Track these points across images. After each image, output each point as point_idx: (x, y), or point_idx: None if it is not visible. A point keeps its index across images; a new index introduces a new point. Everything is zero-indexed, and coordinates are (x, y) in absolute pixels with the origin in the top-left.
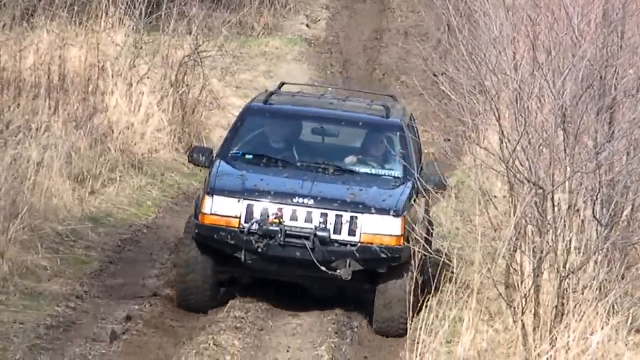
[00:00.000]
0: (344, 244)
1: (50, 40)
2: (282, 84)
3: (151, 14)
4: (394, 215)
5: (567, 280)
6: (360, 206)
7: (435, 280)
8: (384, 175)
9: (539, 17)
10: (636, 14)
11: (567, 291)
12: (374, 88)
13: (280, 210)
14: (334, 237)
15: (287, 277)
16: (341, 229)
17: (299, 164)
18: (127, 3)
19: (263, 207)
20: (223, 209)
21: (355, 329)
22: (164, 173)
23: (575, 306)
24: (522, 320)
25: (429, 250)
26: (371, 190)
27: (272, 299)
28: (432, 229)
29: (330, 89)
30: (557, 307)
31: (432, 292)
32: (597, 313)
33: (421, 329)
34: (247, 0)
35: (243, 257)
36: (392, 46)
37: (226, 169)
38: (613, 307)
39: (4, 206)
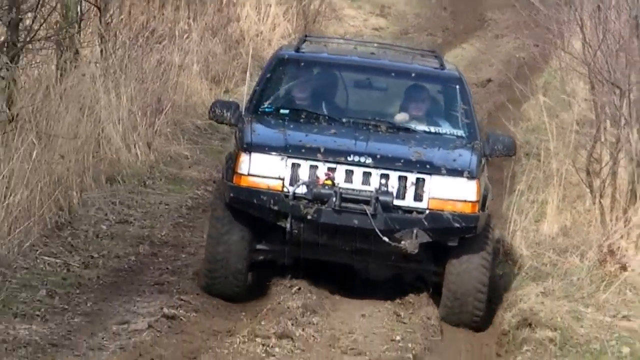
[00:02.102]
0: (409, 210)
1: None
2: (306, 37)
3: None
4: (467, 177)
5: None
6: (428, 166)
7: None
8: (445, 134)
9: None
10: None
11: (639, 177)
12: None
13: (332, 169)
14: (397, 202)
15: (336, 254)
16: (405, 192)
17: (344, 120)
18: None
19: (311, 166)
20: (263, 169)
21: None
22: None
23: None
24: (600, 202)
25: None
26: (436, 148)
27: None
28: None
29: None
30: (631, 190)
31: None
32: None
33: (513, 209)
34: None
35: (289, 226)
36: None
37: (261, 124)
38: None
39: (150, 103)
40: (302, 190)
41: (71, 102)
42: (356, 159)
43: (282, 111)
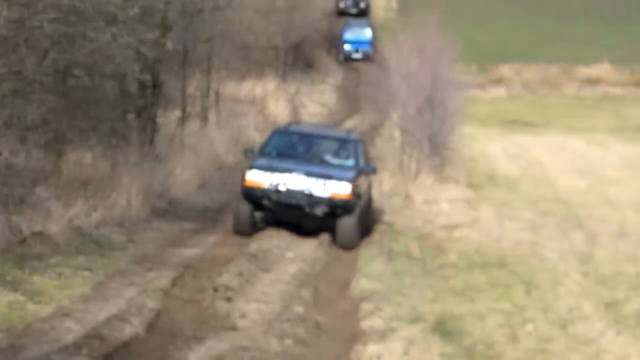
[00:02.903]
0: (319, 197)
1: (250, 84)
2: (295, 121)
3: (284, 74)
4: (347, 181)
5: (419, 164)
6: (329, 176)
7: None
8: (343, 164)
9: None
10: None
11: (418, 166)
12: (358, 101)
13: (286, 178)
14: (314, 193)
15: (290, 216)
16: (319, 188)
17: (299, 157)
18: (275, 71)
19: (277, 176)
20: (257, 177)
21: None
22: None
23: (419, 174)
24: (404, 177)
25: (370, 204)
26: (336, 169)
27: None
28: (372, 195)
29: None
30: (415, 173)
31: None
32: (427, 174)
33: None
34: (315, 70)
35: (266, 202)
36: (363, 86)
37: (260, 158)
38: (434, 174)
39: (235, 140)
40: (272, 187)
41: (204, 138)
42: (297, 173)
43: (272, 153)
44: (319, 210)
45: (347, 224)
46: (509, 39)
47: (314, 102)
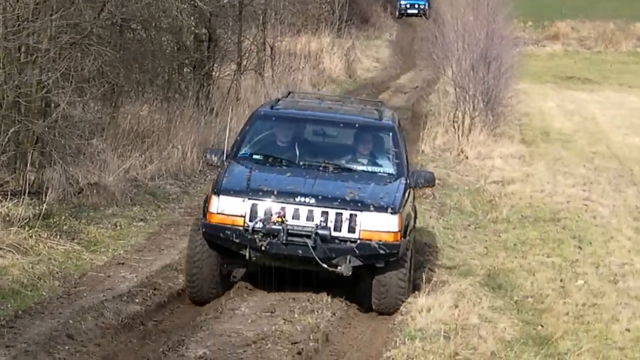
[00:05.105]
0: (344, 240)
1: (305, 39)
2: (289, 93)
3: (339, 29)
4: (391, 213)
5: (473, 119)
6: (359, 204)
7: (427, 121)
8: (379, 172)
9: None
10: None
11: (472, 121)
12: (412, 57)
13: (282, 209)
14: (334, 234)
15: (293, 267)
16: (341, 226)
17: (301, 164)
18: (330, 26)
19: (266, 206)
20: (228, 208)
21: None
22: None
23: (472, 129)
24: (457, 133)
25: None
26: (369, 187)
27: None
28: (416, 218)
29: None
30: (469, 128)
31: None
32: (481, 130)
33: (424, 135)
34: (370, 25)
35: (248, 255)
36: (418, 42)
37: (234, 169)
38: (487, 130)
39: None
40: (258, 226)
41: (259, 92)
42: (302, 199)
43: (254, 156)
44: (345, 267)
45: (393, 280)
46: None
47: (369, 58)
